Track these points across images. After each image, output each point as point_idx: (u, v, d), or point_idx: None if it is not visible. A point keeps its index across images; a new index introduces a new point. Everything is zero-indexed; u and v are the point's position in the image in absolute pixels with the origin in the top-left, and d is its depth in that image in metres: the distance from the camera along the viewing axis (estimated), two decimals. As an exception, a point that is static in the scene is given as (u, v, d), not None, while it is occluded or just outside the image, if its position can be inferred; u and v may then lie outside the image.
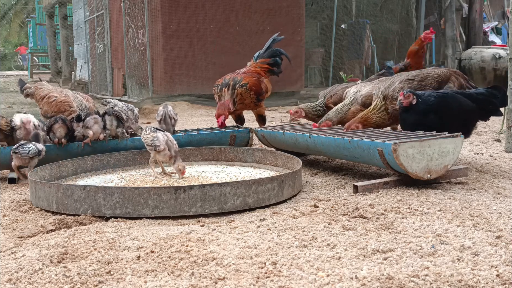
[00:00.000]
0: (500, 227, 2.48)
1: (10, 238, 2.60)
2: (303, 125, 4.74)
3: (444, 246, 2.22)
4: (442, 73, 4.01)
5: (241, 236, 2.45)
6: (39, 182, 3.12)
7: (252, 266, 2.07)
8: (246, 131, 4.54)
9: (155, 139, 3.57)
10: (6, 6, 37.08)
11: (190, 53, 10.38)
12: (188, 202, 2.85)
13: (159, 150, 3.55)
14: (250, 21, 10.80)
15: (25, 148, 3.68)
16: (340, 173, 3.90)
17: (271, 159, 4.02)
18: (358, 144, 3.40)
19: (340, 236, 2.40)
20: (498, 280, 1.89)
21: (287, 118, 8.05)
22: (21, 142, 3.78)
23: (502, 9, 16.28)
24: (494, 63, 11.12)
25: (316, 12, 14.74)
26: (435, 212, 2.70)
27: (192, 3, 10.40)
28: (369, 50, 13.43)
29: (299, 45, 11.25)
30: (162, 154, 3.58)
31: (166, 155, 3.58)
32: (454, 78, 4.03)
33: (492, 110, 3.81)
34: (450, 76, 4.02)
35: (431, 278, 1.91)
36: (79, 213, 2.90)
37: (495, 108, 3.80)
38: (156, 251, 2.24)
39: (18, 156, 3.68)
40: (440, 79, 3.95)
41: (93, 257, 2.19)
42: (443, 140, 3.21)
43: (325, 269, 2.02)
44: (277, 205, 3.07)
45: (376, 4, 14.65)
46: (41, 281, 1.99)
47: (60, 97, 4.34)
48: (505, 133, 4.76)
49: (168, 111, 4.37)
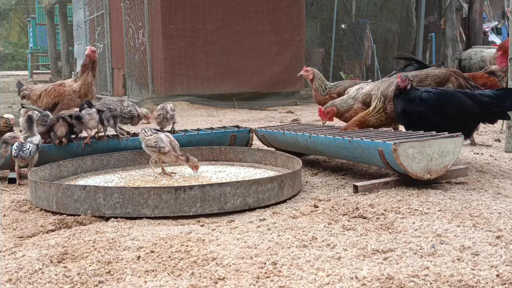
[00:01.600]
0: (500, 227, 2.48)
1: (10, 238, 2.60)
2: (303, 125, 4.74)
3: (444, 246, 2.22)
4: (441, 74, 4.01)
5: (241, 236, 2.45)
6: (39, 182, 3.12)
7: (252, 266, 2.07)
8: (246, 131, 4.54)
9: (159, 141, 3.55)
10: (6, 6, 37.06)
11: (190, 53, 10.38)
12: (188, 202, 2.85)
13: (164, 152, 3.54)
14: (250, 21, 10.80)
15: (26, 152, 3.67)
16: (340, 173, 3.90)
17: (271, 159, 4.02)
18: (358, 144, 3.40)
19: (340, 236, 2.40)
20: (498, 280, 1.89)
21: (287, 118, 8.05)
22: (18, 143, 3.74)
23: (502, 9, 16.28)
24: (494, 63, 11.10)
25: (316, 12, 14.74)
26: (435, 212, 2.70)
27: (192, 3, 10.40)
28: (369, 50, 13.42)
29: (299, 45, 11.25)
30: (168, 155, 3.58)
31: (171, 155, 3.57)
32: (454, 78, 4.04)
33: (497, 113, 3.72)
34: (450, 76, 4.03)
35: (431, 278, 1.91)
36: (79, 213, 2.90)
37: (501, 111, 3.70)
38: (156, 251, 2.24)
39: (23, 160, 3.69)
40: (439, 80, 3.96)
41: (93, 257, 2.19)
42: (443, 140, 3.21)
43: (325, 269, 2.02)
44: (277, 205, 3.07)
45: (376, 4, 14.65)
46: (41, 281, 1.99)
47: (55, 84, 4.63)
48: (505, 133, 4.76)
49: (166, 111, 4.38)
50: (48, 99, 4.57)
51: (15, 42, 37.06)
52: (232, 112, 9.43)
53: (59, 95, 4.51)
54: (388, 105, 3.82)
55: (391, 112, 3.82)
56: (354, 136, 3.55)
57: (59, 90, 4.54)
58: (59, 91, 4.53)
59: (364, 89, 4.23)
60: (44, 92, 4.64)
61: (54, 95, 4.53)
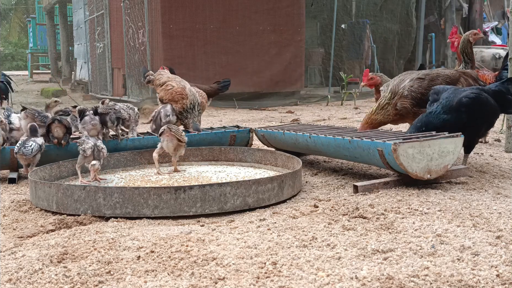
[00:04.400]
0: (500, 227, 2.48)
1: (10, 238, 2.60)
2: (303, 125, 4.74)
3: (444, 246, 2.22)
4: (452, 74, 4.06)
5: (241, 236, 2.45)
6: (39, 182, 3.12)
7: (252, 266, 2.07)
8: (246, 131, 4.54)
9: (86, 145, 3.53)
10: (6, 6, 37.06)
11: (190, 53, 10.38)
12: (188, 202, 2.85)
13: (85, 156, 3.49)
14: (250, 21, 10.80)
15: (28, 148, 3.69)
16: (340, 173, 3.90)
17: (271, 159, 4.02)
18: (358, 144, 3.40)
19: (340, 236, 2.39)
20: (498, 280, 1.89)
21: (287, 118, 8.05)
22: (21, 140, 3.78)
23: (502, 9, 16.27)
24: (494, 63, 11.11)
25: (316, 12, 14.74)
26: (435, 212, 2.70)
27: (192, 3, 10.39)
28: (369, 50, 13.43)
29: (299, 45, 11.25)
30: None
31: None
32: (463, 79, 4.06)
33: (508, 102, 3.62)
34: (459, 77, 4.06)
35: (431, 278, 1.91)
36: (79, 213, 2.90)
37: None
38: (156, 251, 2.24)
39: (23, 156, 3.70)
40: (450, 80, 4.00)
41: (93, 257, 2.19)
42: (443, 140, 3.21)
43: (325, 269, 2.02)
44: (277, 205, 3.07)
45: (376, 4, 14.65)
46: (41, 281, 1.99)
47: (177, 88, 4.60)
48: (505, 133, 4.76)
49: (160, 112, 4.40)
50: (163, 95, 4.64)
51: (15, 42, 37.04)
52: (232, 112, 9.42)
53: (171, 99, 4.56)
54: (399, 101, 3.86)
55: (401, 108, 3.86)
56: (354, 136, 3.55)
57: (174, 94, 4.56)
58: (173, 97, 4.56)
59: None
60: (164, 87, 4.66)
61: (168, 98, 4.58)
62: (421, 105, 3.83)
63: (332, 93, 11.66)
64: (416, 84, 3.89)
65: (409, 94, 3.85)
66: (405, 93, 3.85)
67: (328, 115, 8.30)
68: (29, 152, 3.68)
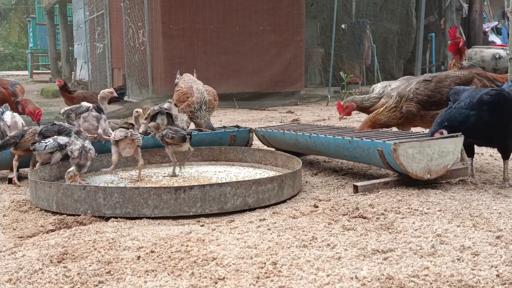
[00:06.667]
0: (500, 227, 2.48)
1: (10, 238, 2.60)
2: (303, 125, 4.74)
3: (444, 246, 2.22)
4: (463, 75, 3.83)
5: (241, 236, 2.45)
6: (39, 182, 3.12)
7: (252, 266, 2.07)
8: (246, 131, 4.54)
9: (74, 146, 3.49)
10: (6, 6, 37.08)
11: (190, 53, 10.38)
12: (188, 202, 2.85)
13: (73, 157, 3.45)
14: (250, 21, 10.80)
15: (41, 144, 3.60)
16: (340, 173, 3.90)
17: (271, 159, 4.02)
18: (358, 144, 3.40)
19: (340, 236, 2.40)
20: (498, 280, 1.89)
21: (287, 118, 8.05)
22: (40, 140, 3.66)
23: (502, 9, 16.29)
24: (494, 63, 11.12)
25: (316, 12, 14.74)
26: (435, 212, 2.70)
27: (192, 3, 10.39)
28: (369, 50, 13.42)
29: (299, 45, 11.24)
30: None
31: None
32: (477, 80, 3.85)
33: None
34: (473, 78, 3.85)
35: (431, 278, 1.91)
36: (79, 213, 2.90)
37: None
38: (156, 251, 2.24)
39: (35, 152, 3.62)
40: (460, 81, 3.79)
41: (93, 257, 2.19)
42: (443, 140, 3.20)
43: (325, 269, 2.02)
44: (277, 205, 3.07)
45: (376, 4, 14.66)
46: (41, 281, 1.99)
47: (183, 89, 4.68)
48: (505, 133, 4.75)
49: None
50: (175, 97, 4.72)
51: (15, 42, 37.07)
52: (232, 112, 9.42)
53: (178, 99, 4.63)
54: (404, 104, 3.77)
55: (407, 112, 3.75)
56: (354, 136, 3.55)
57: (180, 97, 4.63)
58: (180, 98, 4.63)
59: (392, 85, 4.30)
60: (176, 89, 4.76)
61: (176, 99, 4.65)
62: (428, 108, 3.72)
63: (332, 93, 11.66)
64: (421, 86, 3.77)
65: (415, 97, 3.74)
66: (410, 96, 3.74)
67: (328, 115, 8.30)
68: (41, 148, 3.61)
